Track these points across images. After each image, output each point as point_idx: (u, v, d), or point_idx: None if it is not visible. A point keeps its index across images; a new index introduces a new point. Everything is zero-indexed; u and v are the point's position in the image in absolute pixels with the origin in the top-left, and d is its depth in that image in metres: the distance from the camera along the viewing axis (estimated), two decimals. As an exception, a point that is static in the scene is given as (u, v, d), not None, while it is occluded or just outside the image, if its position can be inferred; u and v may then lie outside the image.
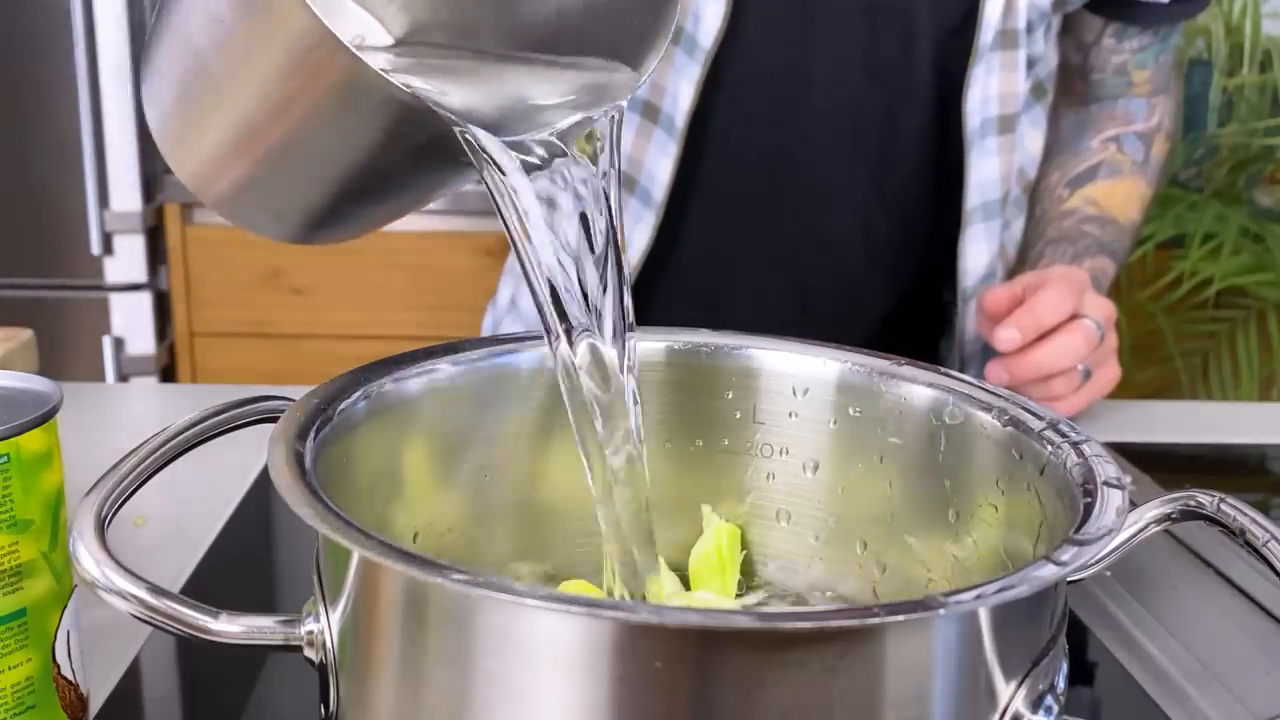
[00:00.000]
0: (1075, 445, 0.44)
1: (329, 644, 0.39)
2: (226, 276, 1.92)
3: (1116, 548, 0.43)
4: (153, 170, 1.87)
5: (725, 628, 0.33)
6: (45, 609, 0.44)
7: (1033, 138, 0.92)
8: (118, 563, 0.37)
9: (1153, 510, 0.43)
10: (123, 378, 1.92)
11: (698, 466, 0.57)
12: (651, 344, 0.56)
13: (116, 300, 1.88)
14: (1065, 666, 0.40)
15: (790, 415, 0.56)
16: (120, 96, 1.80)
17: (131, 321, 1.90)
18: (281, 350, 1.96)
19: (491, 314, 1.09)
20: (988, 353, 0.85)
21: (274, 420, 0.44)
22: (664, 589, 0.53)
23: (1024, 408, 0.48)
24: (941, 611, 0.33)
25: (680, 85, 0.84)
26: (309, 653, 0.39)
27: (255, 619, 0.39)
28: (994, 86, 0.85)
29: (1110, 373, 0.81)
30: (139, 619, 0.37)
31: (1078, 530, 0.38)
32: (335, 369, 0.49)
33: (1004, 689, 0.36)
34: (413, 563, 0.33)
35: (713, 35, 0.82)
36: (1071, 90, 0.99)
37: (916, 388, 0.52)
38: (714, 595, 0.54)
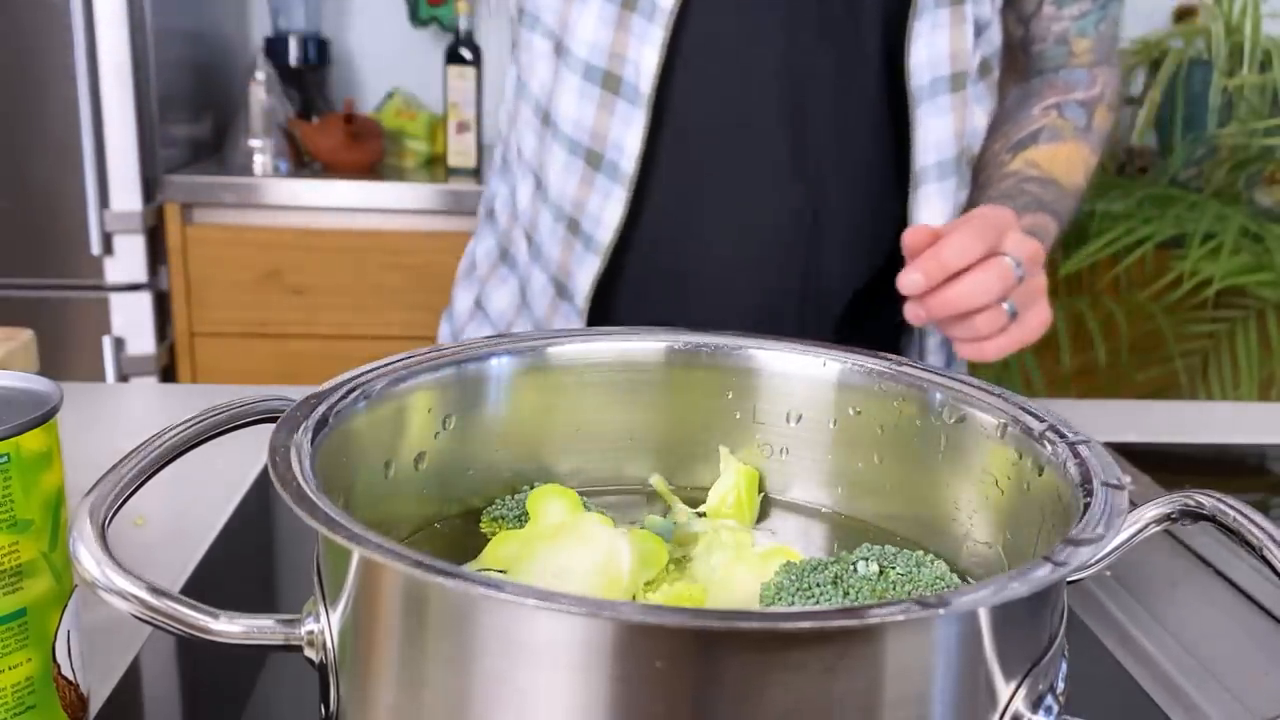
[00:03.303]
0: (1075, 445, 0.44)
1: (329, 644, 0.39)
2: (226, 276, 1.92)
3: (1116, 548, 0.43)
4: (152, 170, 1.87)
5: (725, 628, 0.33)
6: (45, 609, 0.44)
7: (978, 114, 0.91)
8: (118, 563, 0.37)
9: (1153, 510, 0.43)
10: (123, 378, 1.91)
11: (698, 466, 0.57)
12: (651, 344, 0.56)
13: (116, 300, 1.88)
14: (1065, 666, 0.40)
15: (790, 415, 0.56)
16: (120, 96, 1.80)
17: (131, 321, 1.90)
18: (281, 350, 1.96)
19: (449, 324, 1.07)
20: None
21: (274, 420, 0.44)
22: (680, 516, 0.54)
23: (1024, 408, 0.48)
24: (941, 611, 0.33)
25: (643, 52, 0.83)
26: (309, 653, 0.39)
27: (255, 619, 0.39)
28: (942, 44, 0.85)
29: (1041, 315, 0.79)
30: (139, 619, 0.37)
31: (1077, 531, 0.38)
32: (335, 369, 0.49)
33: (1004, 689, 0.36)
34: (413, 563, 0.33)
35: None
36: (1015, 67, 0.99)
37: (916, 388, 0.52)
38: (735, 523, 0.54)
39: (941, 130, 0.87)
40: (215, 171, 1.97)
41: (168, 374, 1.98)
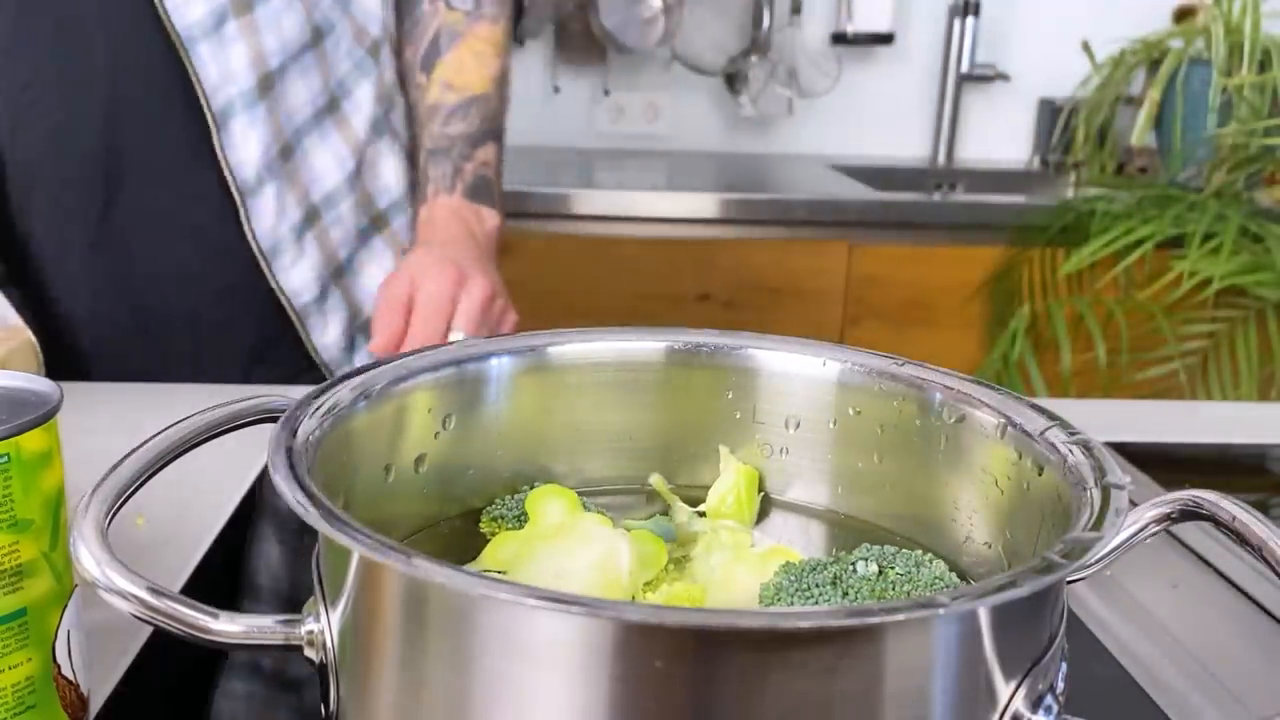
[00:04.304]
0: (1075, 445, 0.44)
1: (329, 644, 0.39)
2: (226, 276, 1.91)
3: (1116, 548, 0.43)
4: (153, 170, 1.87)
5: (725, 627, 0.33)
6: (45, 609, 0.44)
7: (290, 25, 0.87)
8: (118, 562, 0.37)
9: (1153, 510, 0.43)
10: (123, 378, 1.91)
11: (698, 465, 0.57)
12: (651, 344, 0.56)
13: (116, 300, 1.88)
14: (1065, 666, 0.40)
15: (790, 415, 0.56)
16: (120, 96, 1.80)
17: (131, 321, 1.89)
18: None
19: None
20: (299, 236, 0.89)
21: (274, 420, 0.44)
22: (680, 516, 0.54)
23: (1024, 408, 0.48)
24: (941, 611, 0.33)
25: None
26: (309, 653, 0.39)
27: (255, 619, 0.39)
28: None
29: (510, 319, 0.84)
30: (139, 619, 0.37)
31: (1077, 531, 0.38)
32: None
33: (1004, 689, 0.36)
34: (413, 563, 0.33)
35: None
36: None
37: (916, 388, 0.52)
38: (735, 523, 0.54)
39: (234, 61, 0.84)
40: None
41: (168, 374, 1.97)
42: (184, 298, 0.92)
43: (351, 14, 0.91)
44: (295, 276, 0.92)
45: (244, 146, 0.87)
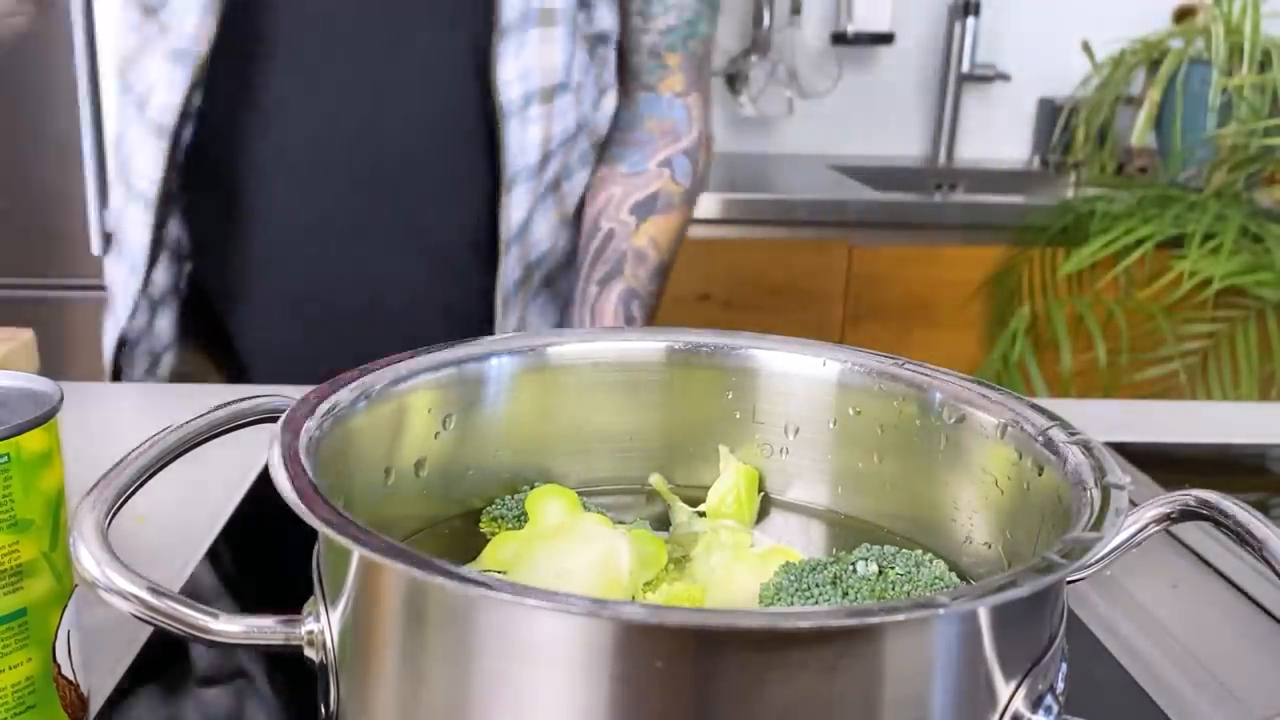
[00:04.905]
0: (1075, 445, 0.44)
1: (329, 644, 0.39)
2: (226, 276, 1.91)
3: (1116, 548, 0.43)
4: (153, 170, 1.87)
5: (725, 627, 0.33)
6: (46, 609, 0.44)
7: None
8: (118, 562, 0.37)
9: (1153, 510, 0.43)
10: (123, 378, 1.91)
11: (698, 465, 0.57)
12: (651, 344, 0.56)
13: (116, 300, 1.88)
14: (1065, 666, 0.40)
15: (790, 415, 0.56)
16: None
17: (131, 321, 1.90)
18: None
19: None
20: (519, 290, 0.99)
21: (274, 420, 0.44)
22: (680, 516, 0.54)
23: (1024, 408, 0.48)
24: (941, 611, 0.33)
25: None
26: (309, 653, 0.39)
27: (255, 619, 0.39)
28: (532, 60, 0.93)
29: None
30: (139, 619, 0.37)
31: (1077, 531, 0.38)
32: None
33: (1004, 689, 0.36)
34: (413, 563, 0.33)
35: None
36: (621, 72, 1.05)
37: (916, 388, 0.52)
38: (735, 523, 0.54)
39: (532, 136, 0.95)
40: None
41: (168, 374, 1.97)
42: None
43: (597, 117, 1.03)
44: (510, 321, 1.02)
45: (515, 213, 0.97)
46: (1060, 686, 0.39)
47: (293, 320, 1.00)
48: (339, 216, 0.97)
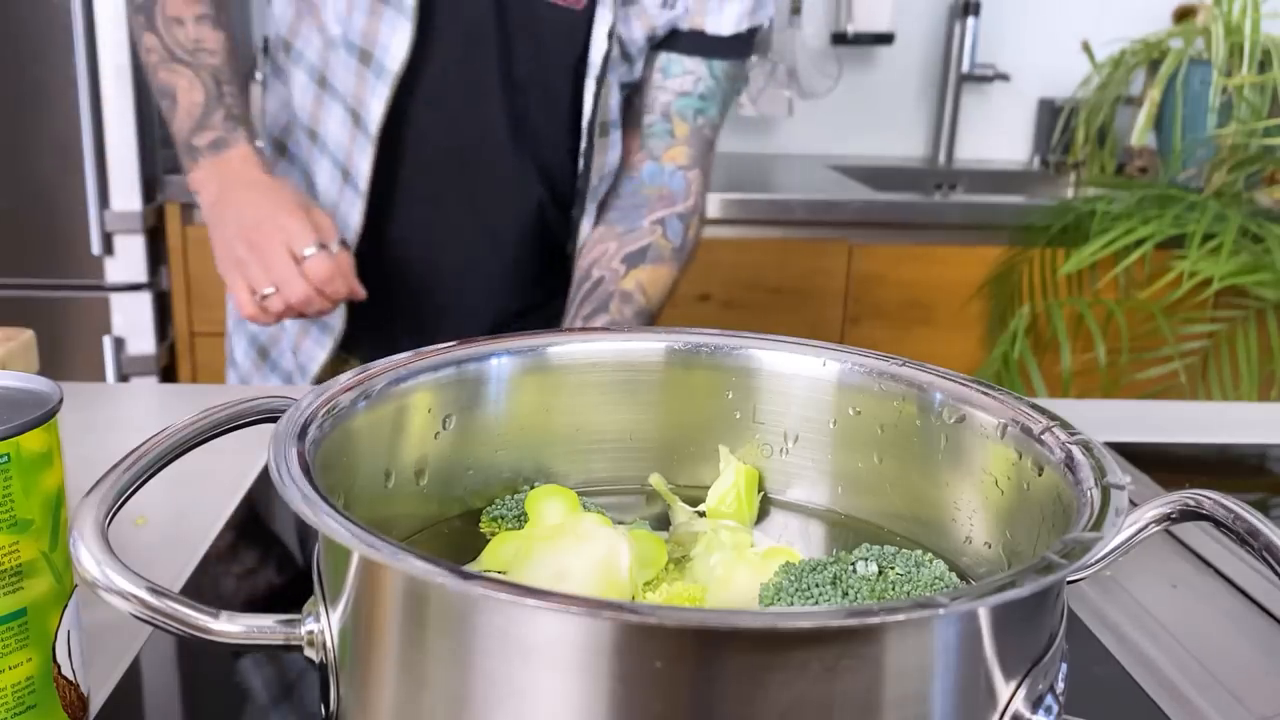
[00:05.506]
0: (1075, 445, 0.44)
1: (329, 644, 0.39)
2: (226, 276, 1.91)
3: (1116, 548, 0.43)
4: (152, 170, 1.87)
5: (725, 627, 0.33)
6: (46, 609, 0.44)
7: (616, 150, 1.14)
8: (118, 562, 0.37)
9: (1153, 510, 0.43)
10: (123, 378, 1.91)
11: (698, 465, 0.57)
12: (651, 344, 0.56)
13: (116, 300, 1.88)
14: (1065, 667, 0.40)
15: (790, 415, 0.56)
16: (120, 97, 1.80)
17: (132, 321, 1.90)
18: (281, 350, 1.96)
19: (235, 373, 1.20)
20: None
21: (274, 420, 0.44)
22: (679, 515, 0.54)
23: (1024, 408, 0.48)
24: (941, 611, 0.33)
25: (372, 102, 1.02)
26: (309, 653, 0.39)
27: (255, 619, 0.39)
28: (611, 97, 1.07)
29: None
30: (139, 619, 0.37)
31: (1077, 531, 0.38)
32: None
33: (1004, 689, 0.36)
34: (413, 563, 0.33)
35: (399, 62, 1.01)
36: (628, 146, 1.15)
37: (916, 388, 0.52)
38: (735, 523, 0.54)
39: (609, 161, 1.10)
40: (215, 171, 1.97)
41: (168, 374, 1.97)
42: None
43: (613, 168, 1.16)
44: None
45: (582, 228, 1.11)
46: (1060, 686, 0.39)
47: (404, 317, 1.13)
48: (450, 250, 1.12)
